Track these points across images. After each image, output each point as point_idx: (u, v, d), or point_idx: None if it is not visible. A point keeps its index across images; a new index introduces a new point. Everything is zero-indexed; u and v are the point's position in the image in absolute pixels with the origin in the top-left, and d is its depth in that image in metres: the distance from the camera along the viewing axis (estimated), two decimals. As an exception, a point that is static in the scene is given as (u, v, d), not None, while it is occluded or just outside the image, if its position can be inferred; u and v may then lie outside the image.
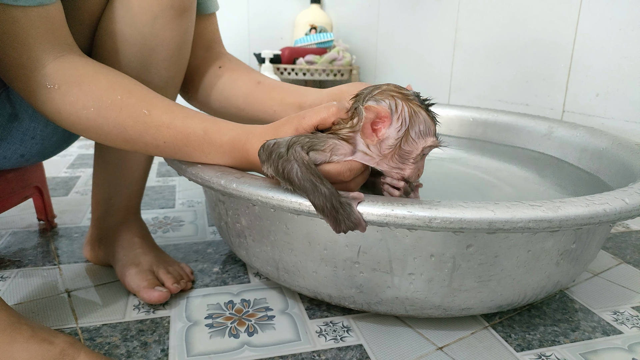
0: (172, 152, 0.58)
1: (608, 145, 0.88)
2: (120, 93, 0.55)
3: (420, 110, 0.50)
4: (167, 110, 0.56)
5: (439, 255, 0.54)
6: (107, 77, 0.55)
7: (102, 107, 0.54)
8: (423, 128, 0.50)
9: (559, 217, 0.48)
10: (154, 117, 0.55)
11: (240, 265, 0.81)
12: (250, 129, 0.56)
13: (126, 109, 0.54)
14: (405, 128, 0.49)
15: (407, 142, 0.50)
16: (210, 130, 0.56)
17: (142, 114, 0.54)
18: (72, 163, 1.42)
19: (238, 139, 0.56)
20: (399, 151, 0.50)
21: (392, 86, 0.51)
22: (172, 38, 0.64)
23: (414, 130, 0.50)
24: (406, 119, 0.49)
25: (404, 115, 0.49)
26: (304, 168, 0.47)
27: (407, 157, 0.50)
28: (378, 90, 0.51)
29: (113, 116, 0.54)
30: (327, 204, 0.46)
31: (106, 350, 0.58)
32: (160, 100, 0.57)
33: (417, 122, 0.50)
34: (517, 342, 0.62)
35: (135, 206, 0.76)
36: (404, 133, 0.49)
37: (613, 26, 1.13)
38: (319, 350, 0.59)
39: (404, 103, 0.49)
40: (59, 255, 0.83)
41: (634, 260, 0.87)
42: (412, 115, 0.49)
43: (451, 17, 1.57)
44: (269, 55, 1.82)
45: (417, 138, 0.50)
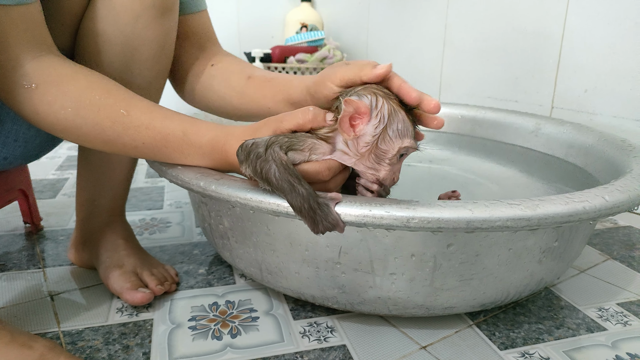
0: (151, 154, 0.57)
1: (594, 141, 0.88)
2: (98, 93, 0.54)
3: (400, 109, 0.50)
4: (146, 111, 0.55)
5: (419, 255, 0.54)
6: (85, 77, 0.55)
7: (80, 107, 0.53)
8: (401, 127, 0.50)
9: (538, 216, 0.47)
10: (132, 118, 0.54)
11: (226, 266, 0.80)
12: (229, 129, 0.56)
13: (104, 109, 0.54)
14: (383, 126, 0.49)
15: (383, 141, 0.49)
16: (190, 132, 0.56)
17: (121, 114, 0.54)
18: (61, 165, 1.41)
19: (217, 140, 0.55)
20: (376, 150, 0.50)
21: (374, 85, 0.51)
22: (155, 38, 0.64)
23: (392, 129, 0.49)
24: (385, 116, 0.49)
25: (383, 112, 0.49)
26: (282, 168, 0.47)
27: (383, 157, 0.50)
28: (361, 87, 0.51)
29: (91, 116, 0.54)
30: (304, 205, 0.46)
31: (87, 354, 0.58)
32: (139, 101, 0.56)
33: (396, 121, 0.49)
34: (501, 340, 0.62)
35: (119, 208, 0.75)
36: (382, 131, 0.49)
37: (601, 22, 1.13)
38: (302, 351, 0.59)
39: (385, 100, 0.49)
40: (44, 258, 0.83)
41: (621, 257, 0.87)
42: (391, 113, 0.49)
43: (440, 15, 1.57)
44: (259, 54, 1.81)
45: (394, 137, 0.50)
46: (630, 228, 1.01)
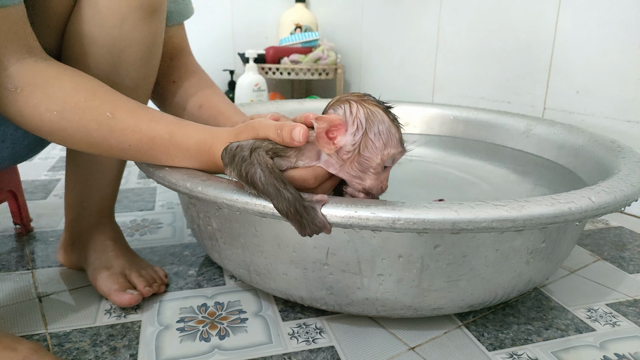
0: (138, 156, 0.57)
1: (584, 142, 0.88)
2: (83, 95, 0.54)
3: (378, 109, 0.48)
4: (132, 113, 0.55)
5: (407, 256, 0.54)
6: (71, 79, 0.55)
7: (65, 110, 0.53)
8: (383, 129, 0.48)
9: (523, 217, 0.48)
10: (118, 120, 0.54)
11: (216, 267, 0.80)
12: (216, 132, 0.55)
13: (90, 111, 0.53)
14: (363, 131, 0.47)
15: (366, 147, 0.48)
16: (176, 134, 0.56)
17: (106, 116, 0.54)
18: (53, 166, 1.40)
19: (204, 142, 0.55)
20: (359, 158, 0.48)
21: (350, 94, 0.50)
22: (142, 39, 0.64)
23: (373, 132, 0.47)
24: (362, 122, 0.47)
25: (359, 117, 0.47)
26: (267, 172, 0.47)
27: (368, 164, 0.49)
28: (335, 100, 0.50)
29: (76, 119, 0.53)
30: (290, 209, 0.46)
31: (74, 356, 0.58)
32: (125, 102, 0.56)
33: (375, 122, 0.47)
34: (489, 341, 0.62)
35: (108, 209, 0.75)
36: (362, 136, 0.47)
37: (592, 24, 1.13)
38: (290, 353, 0.59)
39: (359, 105, 0.48)
40: (33, 259, 0.82)
41: (611, 257, 0.87)
42: (369, 117, 0.47)
43: (434, 16, 1.57)
44: (253, 54, 1.81)
45: (376, 141, 0.48)
46: (621, 229, 1.01)
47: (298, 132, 0.48)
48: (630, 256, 0.88)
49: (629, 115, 1.08)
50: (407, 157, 1.05)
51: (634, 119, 1.07)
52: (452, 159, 1.07)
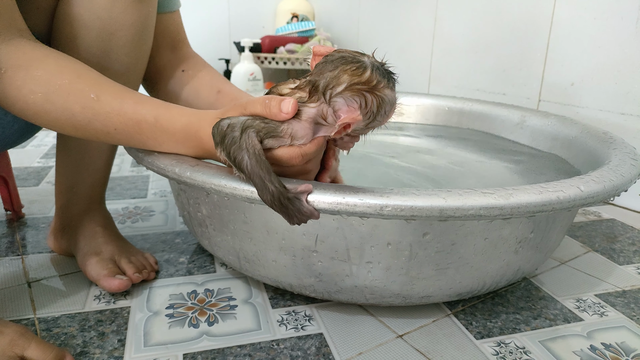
0: (125, 140, 0.56)
1: (577, 133, 0.88)
2: (68, 77, 0.53)
3: (386, 92, 0.48)
4: (117, 96, 0.54)
5: (395, 244, 0.54)
6: (56, 61, 0.54)
7: (49, 92, 0.52)
8: (388, 109, 0.49)
9: (511, 205, 0.47)
10: (102, 103, 0.53)
11: (207, 255, 0.80)
12: (202, 115, 0.55)
13: (74, 94, 0.53)
14: (373, 117, 0.49)
15: (372, 123, 0.50)
16: (162, 118, 0.55)
17: (91, 99, 0.53)
18: (46, 153, 1.40)
19: (190, 126, 0.54)
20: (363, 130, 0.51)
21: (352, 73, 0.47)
22: (132, 23, 0.63)
23: (380, 114, 0.49)
24: (374, 111, 0.48)
25: (372, 109, 0.48)
26: (254, 160, 0.46)
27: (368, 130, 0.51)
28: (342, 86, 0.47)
29: (61, 101, 0.53)
30: (275, 202, 0.46)
31: (62, 341, 0.58)
32: (110, 85, 0.55)
33: (383, 107, 0.48)
34: (477, 329, 0.62)
35: (98, 195, 0.75)
36: (372, 119, 0.49)
37: (588, 17, 1.13)
38: (278, 340, 0.59)
39: (372, 96, 0.47)
40: (24, 245, 0.82)
41: (602, 249, 0.88)
42: (380, 105, 0.48)
43: (430, 7, 1.57)
44: (249, 44, 1.80)
45: (382, 119, 0.50)
46: (613, 221, 1.01)
47: (287, 103, 0.47)
48: (620, 248, 0.88)
49: (624, 107, 1.07)
50: (402, 148, 1.05)
51: (628, 112, 1.07)
52: (446, 149, 1.07)
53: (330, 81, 0.47)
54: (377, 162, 0.99)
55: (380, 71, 0.48)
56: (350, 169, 0.93)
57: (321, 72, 0.48)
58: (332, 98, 0.47)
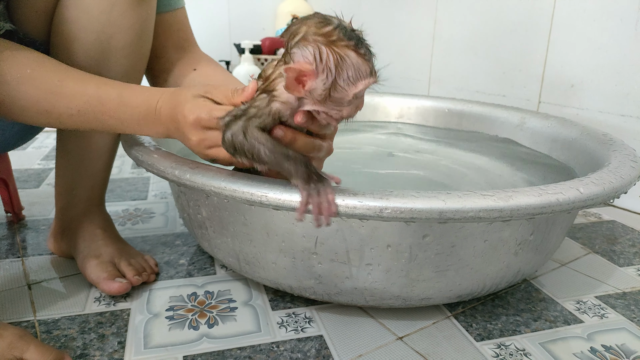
0: (87, 122, 0.56)
1: (577, 135, 0.88)
2: (30, 66, 0.54)
3: (348, 52, 0.45)
4: (81, 80, 0.55)
5: (395, 246, 0.54)
6: (17, 52, 0.55)
7: (20, 83, 0.53)
8: (352, 74, 0.46)
9: (510, 207, 0.47)
10: (66, 87, 0.54)
11: (207, 257, 0.80)
12: (163, 90, 0.56)
13: (37, 80, 0.53)
14: (332, 78, 0.45)
15: (336, 91, 0.46)
16: (125, 93, 0.55)
17: (55, 84, 0.53)
18: (47, 155, 1.40)
19: (151, 98, 0.55)
20: (330, 98, 0.47)
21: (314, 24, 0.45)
22: (131, 25, 0.63)
23: (342, 79, 0.46)
24: (332, 69, 0.45)
25: (328, 65, 0.45)
26: (269, 145, 0.47)
27: (341, 102, 0.47)
28: (299, 37, 0.46)
29: (27, 90, 0.53)
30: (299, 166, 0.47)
31: (62, 343, 0.58)
32: (74, 71, 0.56)
33: (345, 69, 0.45)
34: (477, 331, 0.62)
35: (98, 197, 0.75)
36: (331, 83, 0.46)
37: (588, 18, 1.13)
38: (278, 342, 0.59)
39: (328, 50, 0.45)
40: (24, 247, 0.82)
41: (602, 250, 0.88)
42: (338, 63, 0.45)
43: (430, 9, 1.57)
44: (249, 45, 1.80)
45: (346, 85, 0.46)
46: (613, 222, 1.01)
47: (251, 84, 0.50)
48: (621, 249, 0.88)
49: (623, 109, 1.07)
50: (402, 150, 1.05)
51: (627, 113, 1.07)
52: (445, 151, 1.07)
53: (292, 34, 0.46)
54: (376, 164, 0.99)
55: (347, 32, 0.45)
56: (349, 170, 0.93)
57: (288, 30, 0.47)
58: (291, 51, 0.46)
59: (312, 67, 0.45)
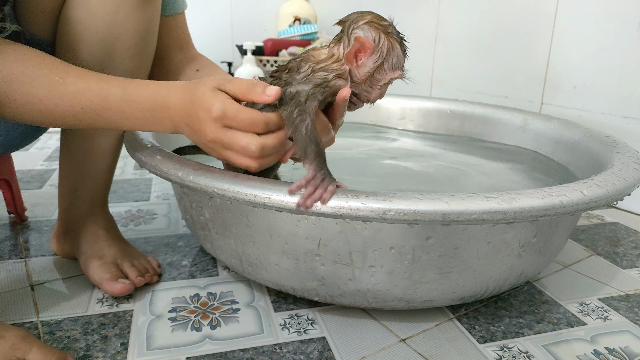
0: (91, 120, 0.55)
1: (580, 137, 0.88)
2: (31, 65, 0.53)
3: (396, 44, 0.55)
4: (82, 76, 0.54)
5: (398, 248, 0.54)
6: (15, 50, 0.54)
7: (13, 80, 0.52)
8: (395, 61, 0.56)
9: (514, 209, 0.47)
10: (68, 84, 0.53)
11: (210, 258, 0.80)
12: (170, 84, 0.54)
13: (38, 79, 0.52)
14: (381, 60, 0.55)
15: (379, 72, 0.55)
16: (129, 88, 0.54)
17: (56, 82, 0.53)
18: (50, 156, 1.40)
19: (157, 93, 0.53)
20: (371, 78, 0.56)
21: (374, 16, 0.56)
22: (136, 27, 0.63)
23: (387, 63, 0.55)
24: (384, 53, 0.55)
25: (383, 49, 0.54)
26: (313, 123, 0.51)
27: (376, 84, 0.56)
28: (364, 21, 0.55)
29: (25, 88, 0.52)
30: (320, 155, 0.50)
31: (65, 344, 0.58)
32: (75, 69, 0.55)
33: (391, 56, 0.55)
34: (480, 333, 0.62)
35: (101, 198, 0.75)
36: (379, 64, 0.55)
37: (590, 20, 1.13)
38: (280, 343, 0.59)
39: (385, 37, 0.54)
40: (27, 248, 0.82)
41: (605, 252, 0.87)
42: (389, 49, 0.55)
43: (433, 10, 1.57)
44: (251, 47, 1.80)
45: (388, 70, 0.56)
46: (616, 224, 1.01)
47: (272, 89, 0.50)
48: (624, 251, 0.88)
49: (626, 111, 1.07)
50: (404, 151, 1.05)
51: (630, 115, 1.07)
52: (448, 152, 1.07)
53: (355, 19, 0.55)
54: (379, 166, 0.99)
55: (396, 30, 0.56)
56: (353, 172, 0.93)
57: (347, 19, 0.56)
58: (353, 31, 0.54)
59: (372, 44, 0.54)
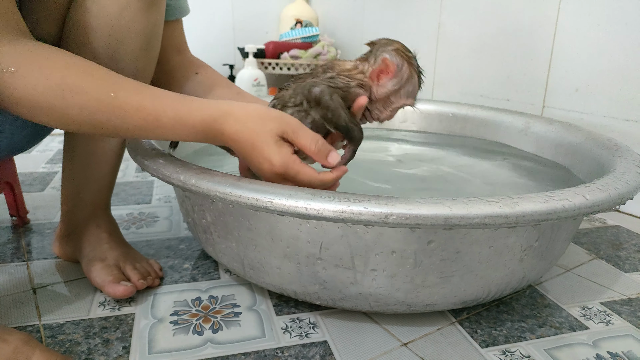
0: (144, 134, 0.56)
1: (582, 140, 0.88)
2: (82, 76, 0.53)
3: (415, 75, 0.61)
4: (135, 92, 0.54)
5: (400, 252, 0.54)
6: (65, 60, 0.53)
7: (65, 91, 0.51)
8: (411, 90, 0.62)
9: (516, 213, 0.47)
10: (120, 100, 0.53)
11: (211, 261, 0.80)
12: (226, 109, 0.55)
13: (91, 92, 0.52)
14: (400, 86, 0.61)
15: (395, 96, 0.61)
16: (182, 111, 0.55)
17: (108, 96, 0.52)
18: (52, 158, 1.40)
19: (213, 119, 0.55)
20: (385, 99, 0.62)
21: (402, 46, 0.61)
22: (141, 29, 0.63)
23: (404, 89, 0.61)
24: (403, 79, 0.60)
25: (403, 75, 0.60)
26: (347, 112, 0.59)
27: (389, 106, 0.62)
28: (392, 47, 0.61)
29: (77, 100, 0.52)
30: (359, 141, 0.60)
31: (67, 348, 0.58)
32: (127, 82, 0.55)
33: (409, 84, 0.61)
34: (482, 337, 0.62)
35: (104, 201, 0.75)
36: (397, 89, 0.61)
37: (592, 23, 1.13)
38: (282, 347, 0.59)
39: (408, 66, 0.60)
40: (29, 251, 0.82)
41: (607, 256, 0.87)
42: (409, 78, 0.61)
43: (434, 13, 1.57)
44: (253, 49, 1.80)
45: (403, 96, 0.62)
46: (618, 227, 1.01)
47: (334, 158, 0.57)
48: (626, 255, 0.88)
49: (628, 114, 1.07)
50: (406, 155, 1.05)
51: (632, 118, 1.06)
52: (449, 156, 1.07)
53: (384, 44, 0.61)
54: (381, 169, 0.99)
55: (418, 64, 0.62)
56: (355, 176, 0.93)
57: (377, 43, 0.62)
58: (381, 53, 0.60)
59: (396, 69, 0.60)
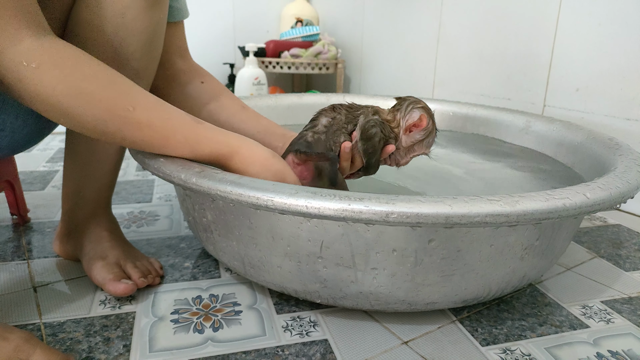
0: (150, 149, 0.58)
1: (583, 139, 0.88)
2: (102, 83, 0.53)
3: (434, 130, 0.70)
4: (148, 108, 0.55)
5: (401, 250, 0.54)
6: (89, 64, 0.53)
7: (82, 95, 0.52)
8: (431, 141, 0.70)
9: (517, 212, 0.47)
10: (134, 113, 0.54)
11: (212, 260, 0.80)
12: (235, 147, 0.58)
13: (106, 101, 0.53)
14: (424, 137, 0.69)
15: (418, 145, 0.70)
16: (191, 138, 0.57)
17: (123, 109, 0.53)
18: (52, 157, 1.40)
19: (219, 154, 0.58)
20: (409, 148, 0.70)
21: (426, 105, 0.69)
22: (144, 29, 0.63)
23: (427, 141, 0.70)
24: (429, 131, 0.69)
25: (429, 129, 0.69)
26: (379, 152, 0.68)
27: (411, 153, 0.71)
28: (420, 105, 0.69)
29: (91, 107, 0.52)
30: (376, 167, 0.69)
31: (68, 346, 0.58)
32: (144, 97, 0.56)
33: (431, 137, 0.70)
34: (483, 336, 0.62)
35: (105, 200, 0.75)
36: (421, 140, 0.69)
37: (593, 22, 1.13)
38: (283, 346, 0.59)
39: (432, 122, 0.69)
40: (30, 250, 0.82)
41: (608, 255, 0.87)
42: (431, 131, 0.69)
43: (435, 12, 1.57)
44: (253, 48, 1.80)
45: (425, 146, 0.70)
46: (619, 226, 1.01)
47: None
48: (626, 254, 0.88)
49: (629, 113, 1.07)
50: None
51: (633, 117, 1.06)
52: (451, 155, 1.07)
53: (414, 101, 0.69)
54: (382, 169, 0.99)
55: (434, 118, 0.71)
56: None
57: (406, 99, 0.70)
58: (413, 109, 0.68)
59: (425, 124, 0.68)
